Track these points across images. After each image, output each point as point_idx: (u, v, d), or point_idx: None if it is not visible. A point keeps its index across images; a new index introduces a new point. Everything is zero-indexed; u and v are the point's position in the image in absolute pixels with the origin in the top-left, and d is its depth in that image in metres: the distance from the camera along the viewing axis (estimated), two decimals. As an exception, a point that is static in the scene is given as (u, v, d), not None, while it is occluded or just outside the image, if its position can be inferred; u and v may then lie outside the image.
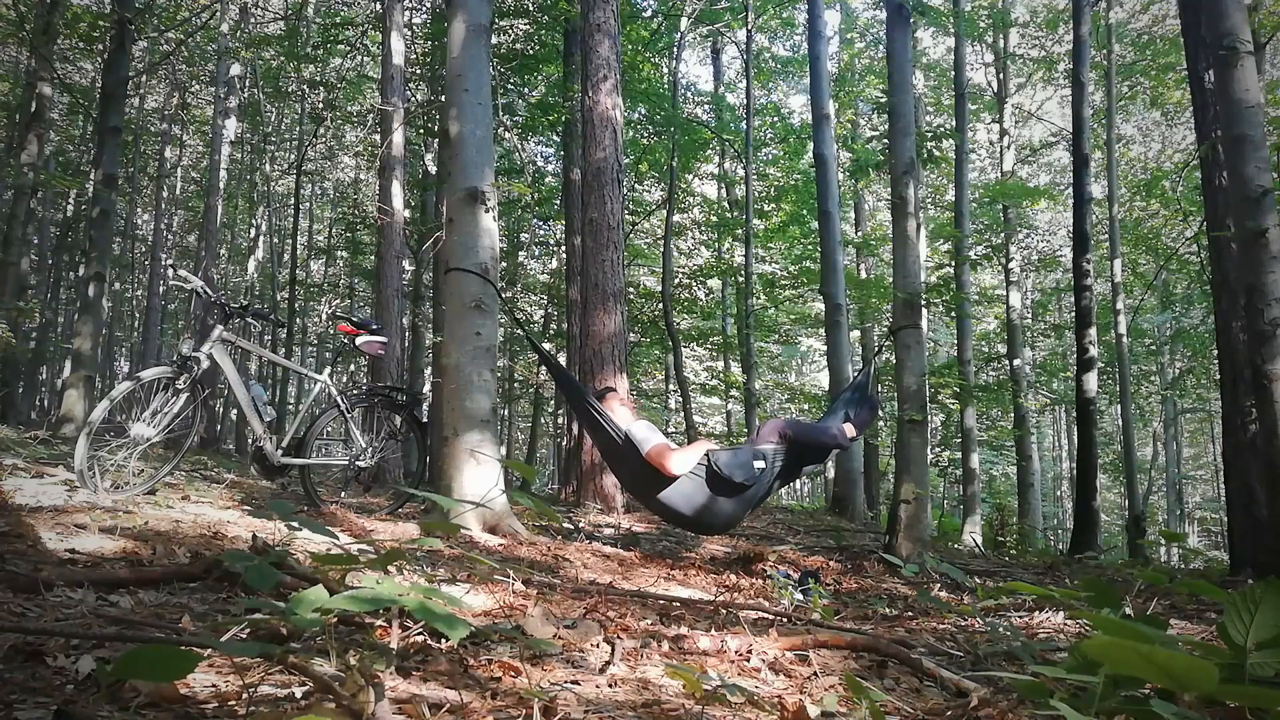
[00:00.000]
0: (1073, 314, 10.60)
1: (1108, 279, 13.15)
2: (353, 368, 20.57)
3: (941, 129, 11.81)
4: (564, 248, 11.54)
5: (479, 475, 4.16)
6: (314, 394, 5.38)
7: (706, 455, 4.14)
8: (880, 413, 14.75)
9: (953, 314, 12.73)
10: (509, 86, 12.33)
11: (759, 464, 4.14)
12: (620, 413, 4.40)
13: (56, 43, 10.34)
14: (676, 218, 14.76)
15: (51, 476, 4.20)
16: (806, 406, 14.60)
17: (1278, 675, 1.32)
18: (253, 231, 18.60)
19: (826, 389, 12.01)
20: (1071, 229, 10.42)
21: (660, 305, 13.16)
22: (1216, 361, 6.42)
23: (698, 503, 4.14)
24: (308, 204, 20.26)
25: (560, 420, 15.89)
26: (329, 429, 5.07)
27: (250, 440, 4.63)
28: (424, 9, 13.08)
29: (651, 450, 4.09)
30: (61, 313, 20.11)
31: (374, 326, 5.25)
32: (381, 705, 1.32)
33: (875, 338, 17.31)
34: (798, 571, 4.01)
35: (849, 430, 4.58)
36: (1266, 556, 4.97)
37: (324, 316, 21.88)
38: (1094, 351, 9.82)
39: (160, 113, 20.42)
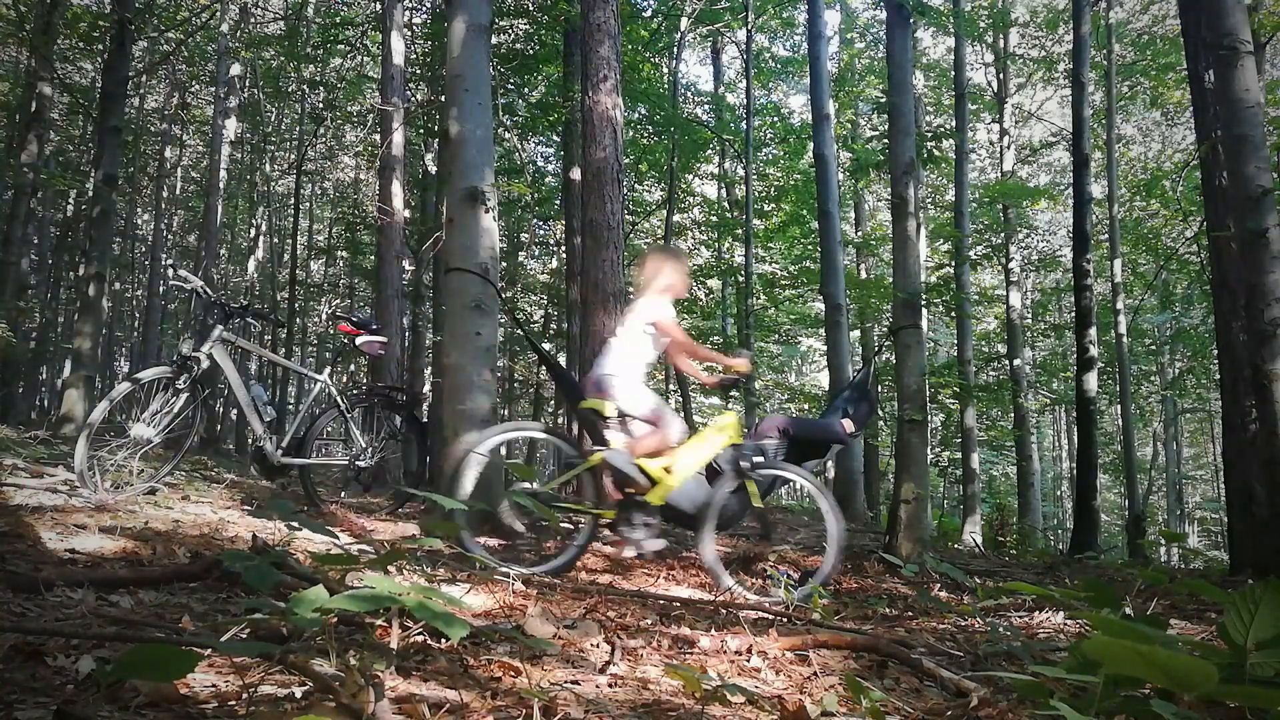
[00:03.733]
0: (1073, 314, 10.59)
1: (1108, 279, 13.13)
2: (353, 368, 20.53)
3: (941, 129, 11.81)
4: (564, 248, 11.52)
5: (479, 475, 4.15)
6: (314, 394, 5.38)
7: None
8: (880, 411, 14.79)
9: (953, 314, 12.72)
10: (509, 86, 12.32)
11: (758, 457, 3.99)
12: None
13: (56, 43, 10.32)
14: (676, 218, 14.75)
15: (51, 476, 4.20)
16: (807, 406, 14.57)
17: (1278, 675, 1.32)
18: (253, 231, 18.58)
19: (826, 389, 11.99)
20: (1071, 229, 10.41)
21: (660, 305, 13.11)
22: (1216, 361, 6.40)
23: (698, 499, 3.98)
24: (308, 204, 20.24)
25: (560, 420, 15.88)
26: (329, 429, 5.08)
27: (250, 440, 4.63)
28: (424, 9, 13.07)
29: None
30: (61, 313, 20.06)
31: (374, 326, 5.26)
32: (381, 705, 1.32)
33: (875, 338, 17.29)
34: (798, 571, 4.00)
35: (849, 425, 4.66)
36: (1266, 556, 4.97)
37: (324, 316, 21.86)
38: (1094, 351, 9.80)
39: (160, 113, 20.39)
